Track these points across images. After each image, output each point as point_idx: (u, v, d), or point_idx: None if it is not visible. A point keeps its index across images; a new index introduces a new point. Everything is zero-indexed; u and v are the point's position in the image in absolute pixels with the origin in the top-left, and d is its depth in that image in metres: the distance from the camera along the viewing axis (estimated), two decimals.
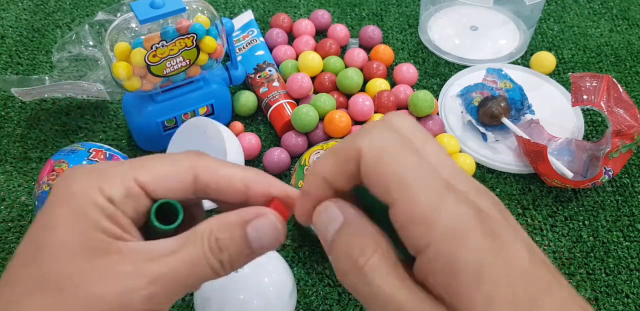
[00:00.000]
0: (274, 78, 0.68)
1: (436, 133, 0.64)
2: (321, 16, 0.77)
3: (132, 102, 0.61)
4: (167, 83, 0.58)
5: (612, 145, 0.57)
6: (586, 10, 0.81)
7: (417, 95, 0.64)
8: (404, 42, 0.77)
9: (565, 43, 0.77)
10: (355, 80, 0.66)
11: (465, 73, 0.72)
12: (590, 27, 0.79)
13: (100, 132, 0.66)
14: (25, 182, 0.61)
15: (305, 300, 0.53)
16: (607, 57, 0.75)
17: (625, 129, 0.58)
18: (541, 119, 0.64)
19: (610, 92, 0.60)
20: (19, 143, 0.65)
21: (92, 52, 0.68)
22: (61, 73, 0.68)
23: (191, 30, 0.53)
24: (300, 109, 0.62)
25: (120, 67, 0.53)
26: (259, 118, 0.68)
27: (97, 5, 0.81)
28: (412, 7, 0.82)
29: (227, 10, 0.81)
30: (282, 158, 0.61)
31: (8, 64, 0.73)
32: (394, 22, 0.79)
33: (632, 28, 0.79)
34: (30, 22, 0.79)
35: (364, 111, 0.64)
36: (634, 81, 0.72)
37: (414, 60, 0.74)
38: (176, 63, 0.55)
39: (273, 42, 0.74)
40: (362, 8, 0.81)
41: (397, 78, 0.70)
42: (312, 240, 0.57)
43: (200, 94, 0.61)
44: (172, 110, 0.60)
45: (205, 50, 0.56)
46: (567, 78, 0.72)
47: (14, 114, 0.68)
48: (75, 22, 0.79)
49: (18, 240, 0.57)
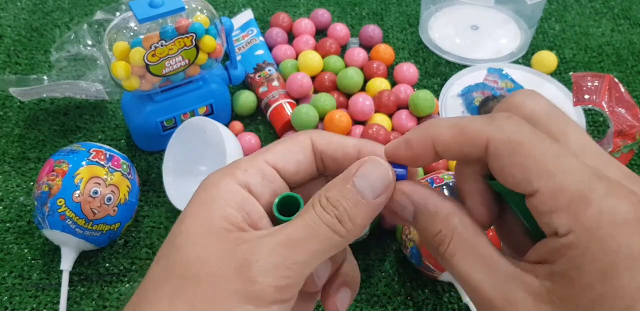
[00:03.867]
0: (273, 78, 0.67)
1: None
2: (321, 15, 0.76)
3: (131, 101, 0.60)
4: (166, 83, 0.57)
5: (614, 145, 0.57)
6: (587, 10, 0.81)
7: (418, 95, 0.64)
8: (404, 42, 0.76)
9: (566, 42, 0.76)
10: (355, 79, 0.66)
11: (466, 73, 0.71)
12: (592, 26, 0.79)
13: (99, 132, 0.66)
14: (24, 182, 0.61)
15: None
16: (608, 56, 0.75)
17: (627, 129, 0.58)
18: None
19: (612, 91, 0.60)
20: (17, 143, 0.64)
21: (91, 52, 0.68)
22: (60, 73, 0.67)
23: (190, 29, 0.53)
24: (300, 109, 0.62)
25: (119, 66, 0.53)
26: (258, 118, 0.67)
27: (96, 4, 0.81)
28: (413, 6, 0.81)
29: (227, 10, 0.80)
30: None
31: (6, 63, 0.73)
32: (394, 22, 0.79)
33: (634, 27, 0.78)
34: (28, 22, 0.78)
35: (364, 111, 0.63)
36: (636, 81, 0.72)
37: (415, 59, 0.74)
38: (175, 62, 0.55)
39: (273, 42, 0.73)
40: (362, 7, 0.81)
41: (398, 78, 0.70)
42: None
43: (200, 94, 0.60)
44: (171, 110, 0.60)
45: (204, 49, 0.56)
46: (568, 78, 0.72)
47: (12, 114, 0.67)
48: (74, 21, 0.79)
49: (16, 240, 0.57)
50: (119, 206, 0.53)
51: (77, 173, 0.51)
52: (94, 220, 0.51)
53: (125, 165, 0.55)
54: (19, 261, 0.55)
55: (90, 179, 0.51)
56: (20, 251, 0.56)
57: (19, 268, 0.55)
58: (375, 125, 0.60)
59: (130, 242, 0.57)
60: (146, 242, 0.57)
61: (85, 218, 0.51)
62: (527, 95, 0.23)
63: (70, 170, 0.51)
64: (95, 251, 0.56)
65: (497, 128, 0.22)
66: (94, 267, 0.55)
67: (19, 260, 0.55)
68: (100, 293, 0.53)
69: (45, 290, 0.54)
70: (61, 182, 0.51)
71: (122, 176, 0.53)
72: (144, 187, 0.61)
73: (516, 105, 0.23)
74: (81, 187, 0.51)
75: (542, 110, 0.23)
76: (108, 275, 0.54)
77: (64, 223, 0.50)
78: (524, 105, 0.23)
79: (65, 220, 0.50)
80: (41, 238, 0.57)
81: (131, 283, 0.54)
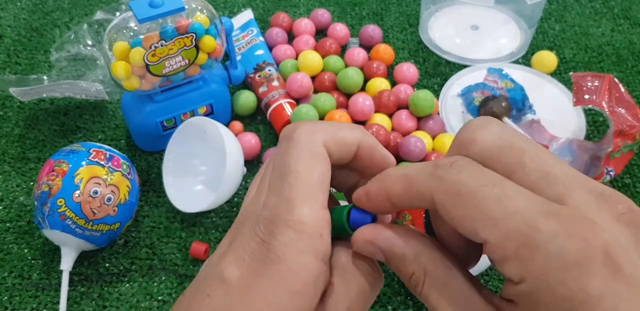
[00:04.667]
0: (273, 78, 0.67)
1: (437, 133, 0.64)
2: (321, 15, 0.76)
3: (131, 101, 0.60)
4: (166, 83, 0.57)
5: (614, 145, 0.57)
6: (587, 10, 0.81)
7: (418, 95, 0.64)
8: (404, 42, 0.76)
9: (566, 42, 0.76)
10: (355, 79, 0.66)
11: (466, 72, 0.71)
12: (592, 26, 0.79)
13: (98, 132, 0.66)
14: (24, 182, 0.61)
15: None
16: (608, 56, 0.75)
17: (627, 129, 0.58)
18: (542, 119, 0.64)
19: (612, 91, 0.60)
20: (17, 143, 0.64)
21: (91, 52, 0.68)
22: (60, 73, 0.67)
23: (190, 29, 0.53)
24: (300, 109, 0.62)
25: (119, 66, 0.53)
26: (258, 118, 0.67)
27: (96, 4, 0.81)
28: (413, 6, 0.81)
29: (227, 10, 0.80)
30: None
31: (6, 63, 0.73)
32: (394, 22, 0.79)
33: (634, 27, 0.78)
34: (28, 22, 0.78)
35: (364, 111, 0.63)
36: (636, 81, 0.72)
37: (415, 59, 0.74)
38: (175, 62, 0.55)
39: (273, 42, 0.73)
40: (362, 7, 0.81)
41: (398, 78, 0.70)
42: None
43: (200, 94, 0.60)
44: (171, 110, 0.60)
45: (204, 49, 0.56)
46: (568, 78, 0.72)
47: (12, 114, 0.67)
48: (74, 21, 0.79)
49: (16, 240, 0.57)
50: (119, 206, 0.53)
51: (77, 173, 0.51)
52: (94, 220, 0.51)
53: (125, 165, 0.55)
54: (19, 261, 0.55)
55: (90, 179, 0.51)
56: (20, 251, 0.56)
57: (19, 268, 0.55)
58: (375, 125, 0.60)
59: (130, 242, 0.57)
60: (146, 242, 0.57)
61: (85, 218, 0.51)
62: (478, 126, 0.22)
63: (70, 170, 0.51)
64: (95, 251, 0.55)
65: (438, 180, 0.21)
66: (94, 267, 0.55)
67: (19, 260, 0.55)
68: (100, 293, 0.53)
69: (45, 290, 0.53)
70: (61, 182, 0.51)
71: (122, 176, 0.53)
72: (144, 187, 0.61)
73: (467, 142, 0.22)
74: (81, 187, 0.51)
75: (494, 142, 0.21)
76: (108, 275, 0.54)
77: (64, 223, 0.50)
78: (475, 140, 0.21)
79: (65, 220, 0.50)
80: (41, 238, 0.57)
81: (131, 283, 0.54)
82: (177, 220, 0.58)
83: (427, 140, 0.62)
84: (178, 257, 0.56)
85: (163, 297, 0.53)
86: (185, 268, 0.55)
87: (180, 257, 0.56)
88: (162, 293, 0.53)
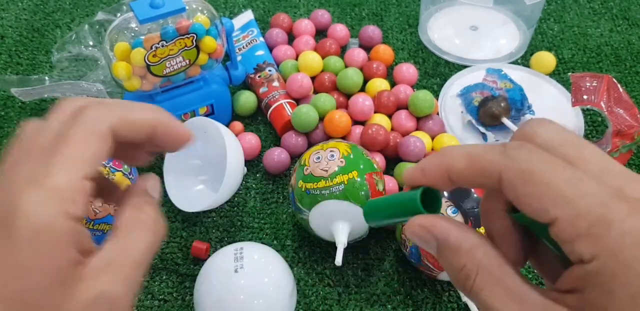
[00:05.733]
0: (273, 78, 0.68)
1: (436, 134, 0.64)
2: (321, 16, 0.77)
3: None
4: (167, 84, 0.58)
5: (612, 145, 0.57)
6: (586, 10, 0.81)
7: (417, 95, 0.64)
8: (404, 42, 0.77)
9: (565, 43, 0.77)
10: (355, 80, 0.66)
11: (465, 73, 0.72)
12: (590, 27, 0.79)
13: None
14: None
15: (305, 300, 0.53)
16: (607, 57, 0.75)
17: (625, 129, 0.58)
18: None
19: (610, 92, 0.60)
20: None
21: (92, 52, 0.68)
22: (61, 73, 0.68)
23: (191, 30, 0.53)
24: (300, 109, 0.62)
25: (120, 67, 0.53)
26: (258, 118, 0.68)
27: (97, 5, 0.81)
28: (412, 7, 0.82)
29: (227, 10, 0.81)
30: (282, 158, 0.61)
31: (8, 63, 0.73)
32: (394, 22, 0.79)
33: (632, 28, 0.79)
34: (30, 22, 0.79)
35: (364, 111, 0.63)
36: (634, 81, 0.72)
37: (414, 60, 0.74)
38: (176, 63, 0.55)
39: (273, 42, 0.74)
40: (362, 8, 0.81)
41: (397, 78, 0.70)
42: (312, 240, 0.57)
43: (200, 94, 0.61)
44: (172, 110, 0.60)
45: (205, 50, 0.56)
46: (567, 78, 0.72)
47: (13, 114, 0.68)
48: (75, 22, 0.79)
49: None
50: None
51: None
52: (95, 219, 0.51)
53: (126, 165, 0.55)
54: None
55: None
56: None
57: None
58: (375, 125, 0.60)
59: None
60: None
61: (87, 218, 0.51)
62: (539, 123, 0.23)
63: None
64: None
65: (508, 158, 0.21)
66: None
67: None
68: None
69: None
70: None
71: (123, 176, 0.54)
72: None
73: (529, 134, 0.23)
74: None
75: (556, 137, 0.22)
76: None
77: None
78: (537, 133, 0.22)
79: None
80: None
81: None
82: (177, 219, 0.58)
83: (427, 140, 0.62)
84: (179, 256, 0.56)
85: (164, 296, 0.53)
86: (186, 267, 0.55)
87: (181, 256, 0.56)
88: (163, 293, 0.54)
